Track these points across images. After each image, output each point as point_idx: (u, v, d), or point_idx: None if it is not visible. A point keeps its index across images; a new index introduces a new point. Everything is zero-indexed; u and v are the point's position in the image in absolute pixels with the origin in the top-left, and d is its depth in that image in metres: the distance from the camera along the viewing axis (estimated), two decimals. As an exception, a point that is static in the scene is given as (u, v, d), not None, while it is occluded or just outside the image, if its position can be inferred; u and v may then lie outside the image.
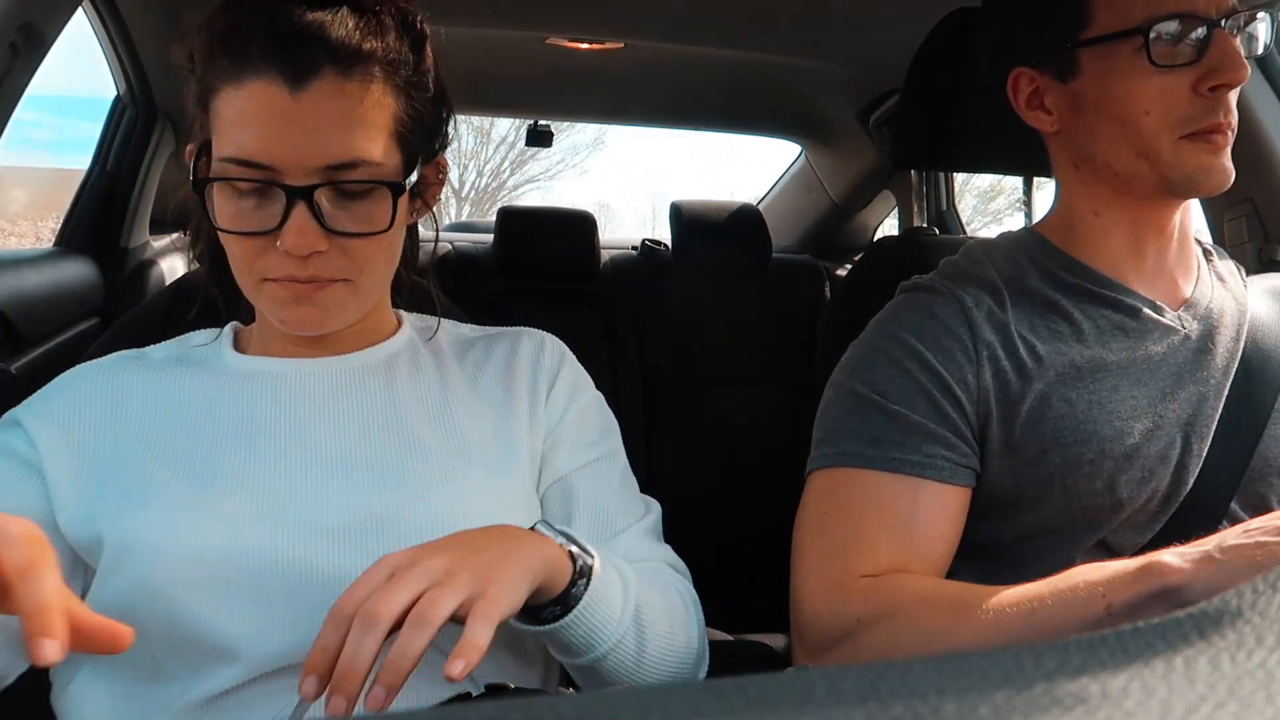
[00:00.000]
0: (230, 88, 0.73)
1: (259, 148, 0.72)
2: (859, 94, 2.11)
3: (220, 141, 0.75)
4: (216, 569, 0.72)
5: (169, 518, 0.74)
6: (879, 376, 0.89)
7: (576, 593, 0.71)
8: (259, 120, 0.72)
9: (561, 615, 0.71)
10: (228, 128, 0.74)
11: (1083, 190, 0.94)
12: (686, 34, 1.81)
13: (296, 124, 0.72)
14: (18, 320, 1.39)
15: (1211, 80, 0.84)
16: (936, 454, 0.86)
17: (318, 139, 0.73)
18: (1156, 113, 0.86)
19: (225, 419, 0.80)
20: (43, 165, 5.83)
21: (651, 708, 0.23)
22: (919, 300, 0.94)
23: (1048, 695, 0.23)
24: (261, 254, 0.75)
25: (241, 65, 0.72)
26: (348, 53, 0.73)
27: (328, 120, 0.73)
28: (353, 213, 0.76)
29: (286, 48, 0.72)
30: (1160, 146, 0.86)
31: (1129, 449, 0.85)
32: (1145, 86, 0.86)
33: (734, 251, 2.07)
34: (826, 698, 0.23)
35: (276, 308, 0.78)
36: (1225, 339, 0.92)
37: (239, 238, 0.76)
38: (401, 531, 0.76)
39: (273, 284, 0.76)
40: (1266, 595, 0.27)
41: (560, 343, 0.94)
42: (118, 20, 1.57)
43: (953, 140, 1.15)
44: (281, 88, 0.72)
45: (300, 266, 0.75)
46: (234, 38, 0.73)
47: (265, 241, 0.75)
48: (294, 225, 0.73)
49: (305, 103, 0.72)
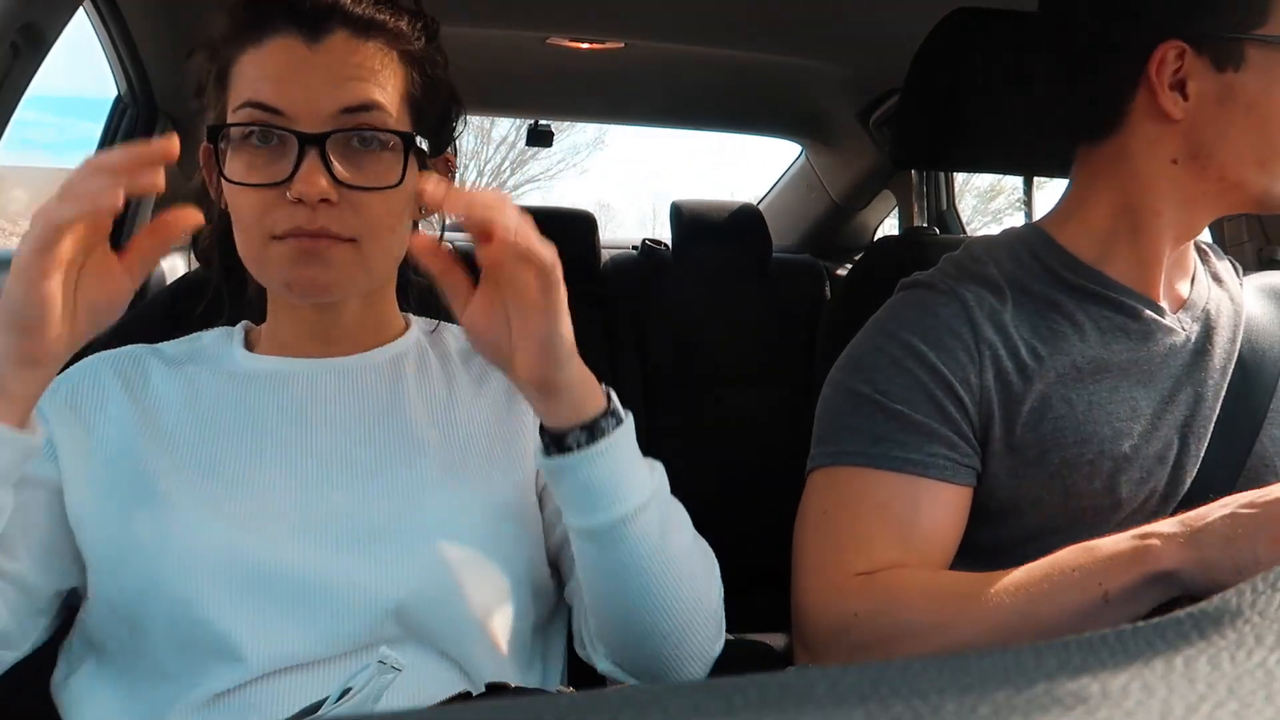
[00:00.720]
0: (250, 49, 0.77)
1: (274, 93, 0.75)
2: (859, 94, 2.11)
3: (237, 96, 0.77)
4: (220, 569, 0.72)
5: (174, 515, 0.74)
6: (879, 375, 0.89)
7: (605, 426, 0.71)
8: (276, 69, 0.76)
9: (589, 443, 0.70)
10: (245, 84, 0.77)
11: (1163, 188, 0.89)
12: (687, 34, 1.81)
13: (312, 71, 0.76)
14: (18, 320, 1.39)
15: None
16: (938, 453, 0.86)
17: (331, 84, 0.76)
18: None
19: (232, 419, 0.81)
20: (44, 165, 5.84)
21: (651, 707, 0.23)
22: (920, 298, 0.94)
23: (1048, 695, 0.23)
24: (271, 209, 0.76)
25: (261, 28, 0.76)
26: (362, 20, 0.78)
27: (342, 68, 0.77)
28: (363, 167, 0.77)
29: (304, 9, 0.76)
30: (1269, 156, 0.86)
31: (1128, 450, 0.86)
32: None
33: (734, 251, 2.07)
34: (827, 697, 0.23)
35: (284, 268, 0.77)
36: (1222, 340, 0.92)
37: (249, 191, 0.76)
38: (404, 535, 0.76)
39: (279, 243, 0.76)
40: (1266, 595, 0.27)
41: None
42: (118, 20, 1.57)
43: (953, 140, 1.15)
44: (298, 41, 0.76)
45: (309, 218, 0.75)
46: (254, 9, 0.77)
47: (275, 195, 0.75)
48: (305, 171, 0.74)
49: (321, 53, 0.76)
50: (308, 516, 0.76)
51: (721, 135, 4.28)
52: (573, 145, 12.01)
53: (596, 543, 0.73)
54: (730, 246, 2.07)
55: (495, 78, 2.08)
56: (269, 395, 0.82)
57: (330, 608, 0.73)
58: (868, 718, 0.22)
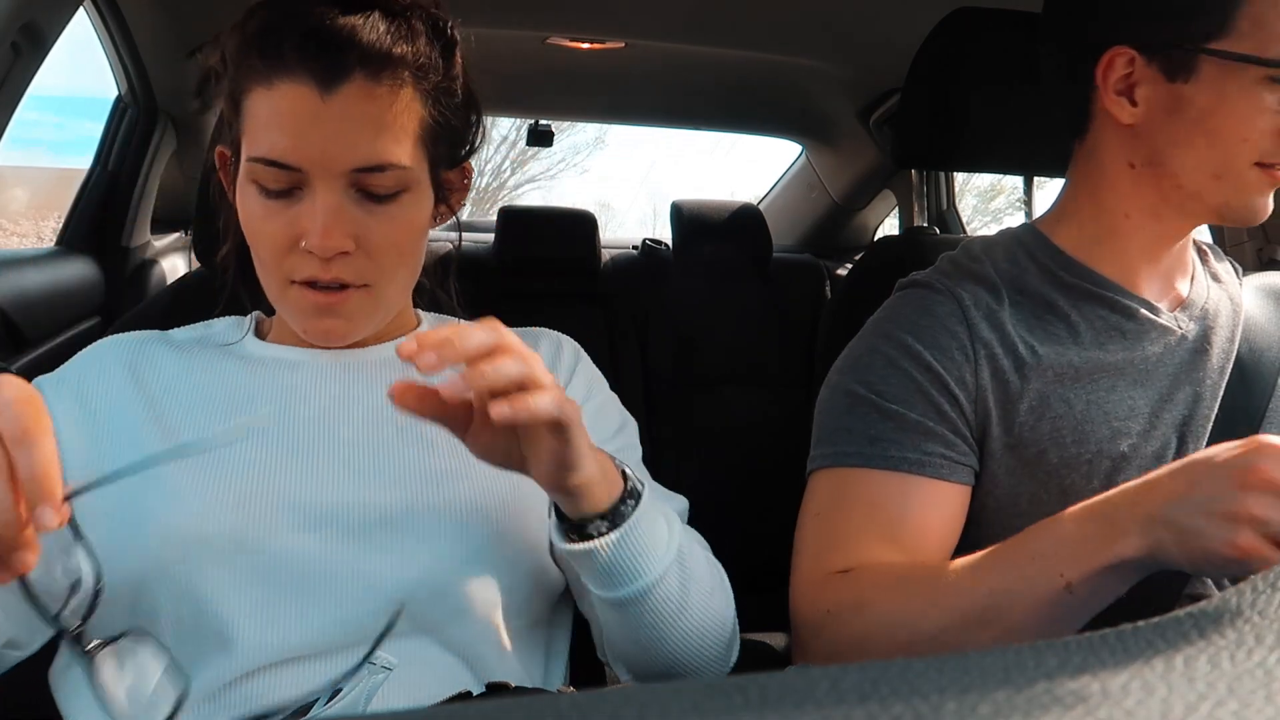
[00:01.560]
0: (261, 88, 0.75)
1: (288, 148, 0.74)
2: (860, 93, 2.11)
3: (250, 142, 0.76)
4: (224, 553, 0.73)
5: (179, 500, 0.74)
6: (875, 376, 0.89)
7: (625, 510, 0.71)
8: (289, 122, 0.74)
9: (610, 530, 0.70)
10: (258, 129, 0.75)
11: (1126, 190, 0.90)
12: (687, 34, 1.81)
13: (325, 126, 0.73)
14: (19, 319, 1.39)
15: None
16: (934, 452, 0.86)
17: (345, 142, 0.74)
18: (1253, 142, 0.83)
19: (240, 404, 0.81)
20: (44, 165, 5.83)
21: (652, 706, 0.23)
22: (916, 298, 0.94)
23: (1048, 694, 0.23)
24: (287, 254, 0.77)
25: (274, 66, 0.74)
26: (378, 57, 0.74)
27: (356, 123, 0.74)
28: (378, 215, 0.77)
29: (318, 50, 0.73)
30: (1237, 171, 0.85)
31: (1126, 449, 0.86)
32: (1256, 117, 0.82)
33: (735, 251, 2.07)
34: (827, 696, 0.23)
35: (300, 317, 0.79)
36: (1221, 339, 0.92)
37: (266, 239, 0.77)
38: (409, 528, 0.76)
39: (297, 290, 0.78)
40: (1266, 594, 0.27)
41: (576, 345, 0.96)
42: (119, 20, 1.57)
43: (953, 139, 1.15)
44: (312, 90, 0.73)
45: (324, 268, 0.76)
46: (267, 38, 0.74)
47: (291, 242, 0.76)
48: (321, 227, 0.74)
49: (334, 105, 0.73)
50: (313, 506, 0.76)
51: (722, 135, 4.28)
52: (573, 145, 11.99)
53: (619, 609, 0.74)
54: (731, 246, 2.07)
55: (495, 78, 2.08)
56: (276, 382, 0.83)
57: (333, 598, 0.73)
58: (868, 717, 0.22)
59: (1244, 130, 0.83)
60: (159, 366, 0.83)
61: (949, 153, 1.18)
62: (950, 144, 1.16)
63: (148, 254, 1.93)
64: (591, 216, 2.09)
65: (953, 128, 1.14)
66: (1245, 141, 0.84)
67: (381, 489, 0.78)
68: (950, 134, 1.15)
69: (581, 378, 0.91)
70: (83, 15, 1.46)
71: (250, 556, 0.73)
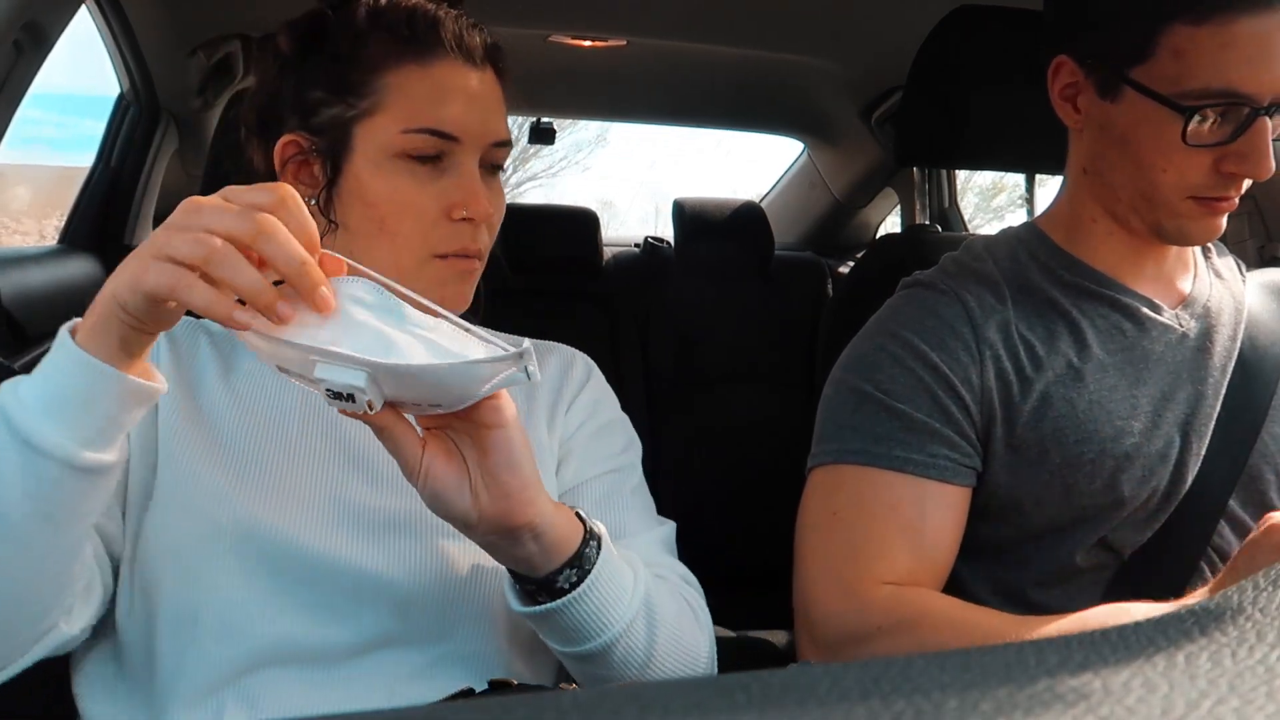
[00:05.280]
0: (413, 65, 0.79)
1: (454, 119, 0.79)
2: (862, 91, 2.10)
3: (403, 115, 0.79)
4: (236, 543, 0.73)
5: (199, 485, 0.75)
6: (882, 374, 0.89)
7: (590, 553, 0.68)
8: (450, 95, 0.80)
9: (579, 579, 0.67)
10: (415, 102, 0.79)
11: (1085, 195, 0.92)
12: (689, 32, 1.80)
13: (478, 100, 0.81)
14: (21, 317, 1.39)
15: (1232, 167, 0.82)
16: (940, 454, 0.86)
17: (492, 115, 0.82)
18: (1173, 174, 0.83)
19: (262, 401, 0.82)
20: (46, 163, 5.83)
21: (654, 703, 0.23)
22: (921, 297, 0.94)
23: (1050, 691, 0.23)
24: (434, 226, 0.80)
25: (428, 45, 0.80)
26: (495, 47, 0.85)
27: (495, 101, 0.83)
28: (494, 189, 0.84)
29: (465, 33, 0.81)
30: (1167, 199, 0.85)
31: (1129, 448, 0.85)
32: (1170, 151, 0.82)
33: (737, 249, 2.06)
34: (829, 694, 0.23)
35: (439, 286, 0.80)
36: (1223, 337, 0.91)
37: (414, 210, 0.79)
38: (417, 529, 0.77)
39: (440, 262, 0.80)
40: (1268, 592, 0.27)
41: (590, 362, 0.96)
42: (121, 18, 1.57)
43: (955, 137, 1.15)
44: (468, 68, 0.81)
45: (474, 237, 0.81)
46: (415, 21, 0.80)
47: (441, 213, 0.80)
48: (481, 195, 0.80)
49: (483, 83, 0.82)
50: (324, 503, 0.77)
51: (723, 133, 4.28)
52: (575, 143, 11.97)
53: (586, 662, 0.72)
54: (732, 244, 2.07)
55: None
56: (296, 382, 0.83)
57: (340, 593, 0.74)
58: (870, 714, 0.22)
59: (1162, 162, 0.83)
60: (199, 357, 0.84)
61: (950, 150, 1.18)
62: (952, 142, 1.16)
63: (150, 252, 1.93)
64: (593, 214, 2.09)
65: (954, 126, 1.14)
66: (1165, 172, 0.83)
67: (388, 490, 0.78)
68: (952, 132, 1.15)
69: (588, 394, 0.91)
70: (85, 13, 1.46)
71: (259, 544, 0.74)
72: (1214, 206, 0.84)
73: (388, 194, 0.79)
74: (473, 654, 0.77)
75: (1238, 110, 0.80)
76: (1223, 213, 0.85)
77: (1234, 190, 0.84)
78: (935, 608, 0.81)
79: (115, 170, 1.79)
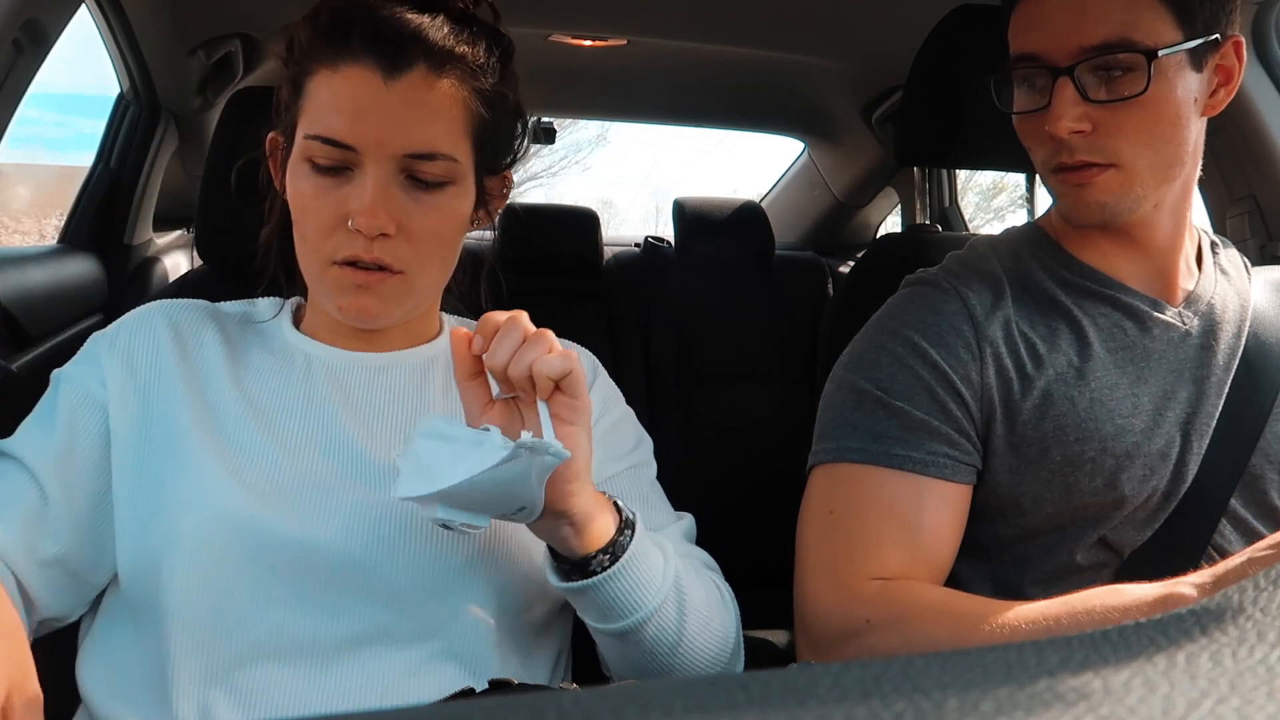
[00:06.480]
0: (326, 71, 0.78)
1: (346, 129, 0.77)
2: (863, 91, 2.10)
3: (309, 121, 0.79)
4: (235, 535, 0.74)
5: (200, 476, 0.76)
6: (882, 372, 0.89)
7: (624, 541, 0.73)
8: (349, 103, 0.77)
9: (611, 563, 0.72)
10: (318, 108, 0.78)
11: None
12: (689, 31, 1.80)
13: (384, 110, 0.77)
14: (21, 317, 1.39)
15: (1050, 127, 0.84)
16: (939, 451, 0.86)
17: (402, 126, 0.77)
18: (1034, 148, 0.89)
19: (265, 394, 0.83)
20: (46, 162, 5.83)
21: (655, 703, 0.23)
22: (922, 295, 0.94)
23: (1050, 691, 0.23)
24: (332, 233, 0.79)
25: (340, 51, 0.77)
26: (441, 52, 0.78)
27: (414, 110, 0.78)
28: (423, 203, 0.80)
29: (385, 38, 0.76)
30: (1047, 178, 0.89)
31: (1130, 447, 0.85)
32: (1020, 124, 0.89)
33: (737, 248, 2.06)
34: (829, 694, 0.23)
35: (337, 295, 0.81)
36: (1227, 335, 0.91)
37: (313, 216, 0.79)
38: (416, 528, 0.77)
39: (337, 269, 0.79)
40: (1268, 591, 0.27)
41: (594, 358, 0.97)
42: (121, 17, 1.57)
43: (956, 137, 1.15)
44: (376, 75, 0.76)
45: (366, 248, 0.78)
46: (337, 27, 0.78)
47: (338, 221, 0.78)
48: (369, 205, 0.77)
49: (395, 91, 0.77)
50: (324, 499, 0.77)
51: (724, 132, 4.28)
52: (575, 142, 11.95)
53: (619, 639, 0.76)
54: (733, 243, 2.06)
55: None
56: (298, 378, 0.85)
57: (338, 587, 0.75)
58: (870, 714, 0.22)
59: (1024, 138, 0.90)
60: (205, 345, 0.85)
61: (951, 150, 1.18)
62: (952, 141, 1.16)
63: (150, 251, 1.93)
64: (594, 214, 2.09)
65: (955, 125, 1.14)
66: (1031, 150, 0.89)
67: (383, 485, 0.78)
68: (953, 131, 1.15)
69: (597, 393, 0.92)
70: (84, 13, 1.46)
71: (258, 536, 0.74)
72: (1063, 180, 0.87)
73: (295, 197, 0.80)
74: (467, 651, 0.78)
75: (1040, 73, 0.85)
76: (1076, 185, 0.87)
77: (1066, 155, 0.85)
78: (924, 599, 0.81)
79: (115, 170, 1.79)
